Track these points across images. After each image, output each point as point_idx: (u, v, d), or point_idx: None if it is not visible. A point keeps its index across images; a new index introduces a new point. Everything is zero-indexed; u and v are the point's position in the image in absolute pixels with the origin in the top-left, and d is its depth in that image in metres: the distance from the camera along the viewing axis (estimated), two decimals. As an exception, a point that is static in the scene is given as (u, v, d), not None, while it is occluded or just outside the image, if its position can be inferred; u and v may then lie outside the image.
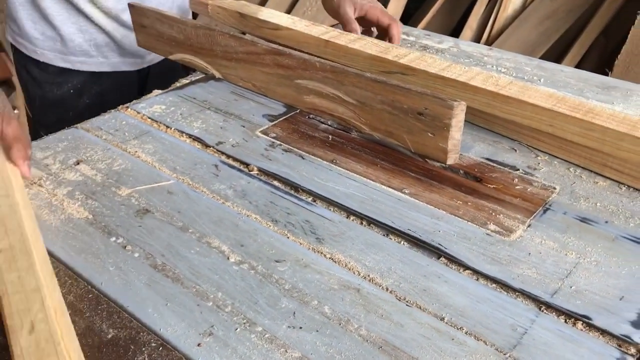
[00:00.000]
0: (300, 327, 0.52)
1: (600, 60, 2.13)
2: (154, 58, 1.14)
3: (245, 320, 0.52)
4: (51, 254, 0.59)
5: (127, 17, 1.03)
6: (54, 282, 0.53)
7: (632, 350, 0.50)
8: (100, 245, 0.61)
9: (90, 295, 0.55)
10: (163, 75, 1.12)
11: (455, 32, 2.37)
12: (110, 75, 1.10)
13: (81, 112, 1.04)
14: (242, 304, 0.54)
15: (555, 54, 2.11)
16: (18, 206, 0.60)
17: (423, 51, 1.06)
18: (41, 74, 1.08)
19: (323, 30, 0.95)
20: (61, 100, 1.09)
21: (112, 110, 0.87)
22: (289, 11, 2.43)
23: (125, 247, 0.61)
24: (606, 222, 0.65)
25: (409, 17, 2.53)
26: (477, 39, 2.24)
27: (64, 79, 1.07)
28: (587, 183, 0.72)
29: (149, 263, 0.59)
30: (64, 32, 1.03)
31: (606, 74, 1.82)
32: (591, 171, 0.74)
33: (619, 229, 0.64)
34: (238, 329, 0.52)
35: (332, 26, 1.02)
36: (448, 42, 1.10)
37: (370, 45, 0.89)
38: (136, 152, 0.76)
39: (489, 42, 2.19)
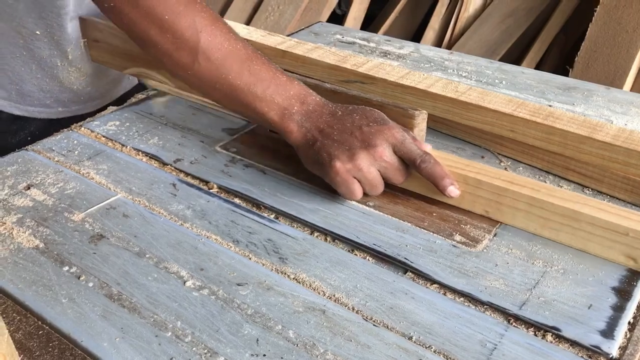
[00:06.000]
0: (264, 355, 0.50)
1: (561, 57, 2.15)
2: (114, 94, 1.06)
3: (206, 350, 0.50)
4: (-1, 289, 0.56)
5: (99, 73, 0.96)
6: (0, 326, 0.50)
7: (602, 361, 0.49)
8: (52, 276, 0.58)
9: (40, 332, 0.52)
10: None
11: (418, 33, 2.37)
12: (69, 119, 0.98)
13: None
14: (202, 333, 0.52)
15: (517, 53, 2.13)
16: None
17: (384, 57, 1.05)
18: None
19: (280, 40, 0.93)
20: (17, 148, 1.02)
21: (65, 130, 0.84)
22: (251, 16, 2.40)
23: (79, 276, 0.58)
24: (571, 227, 0.64)
25: (373, 19, 2.53)
26: (439, 39, 2.25)
27: (19, 126, 0.99)
28: (551, 187, 0.71)
29: (104, 293, 0.56)
30: (24, 89, 0.95)
31: (567, 72, 1.84)
32: (555, 175, 0.73)
33: (584, 234, 0.63)
34: (199, 360, 0.49)
35: (289, 35, 1.00)
36: (409, 47, 1.09)
37: (328, 54, 0.87)
38: (89, 173, 0.73)
39: (452, 42, 2.19)
